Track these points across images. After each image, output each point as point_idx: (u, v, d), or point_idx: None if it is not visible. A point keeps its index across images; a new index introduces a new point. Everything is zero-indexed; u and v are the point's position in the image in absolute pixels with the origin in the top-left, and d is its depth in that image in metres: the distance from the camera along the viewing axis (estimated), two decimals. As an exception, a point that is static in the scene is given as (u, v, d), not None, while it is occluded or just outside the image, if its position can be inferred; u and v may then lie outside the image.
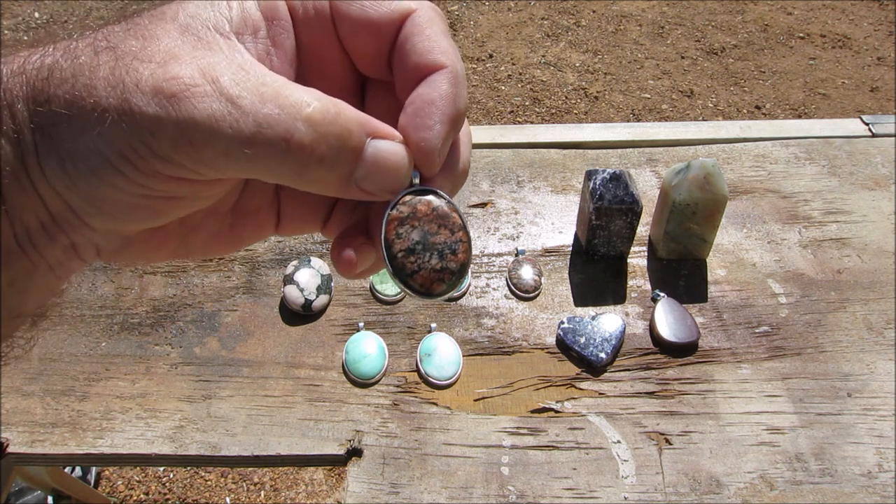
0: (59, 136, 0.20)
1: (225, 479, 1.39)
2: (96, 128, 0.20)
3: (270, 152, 0.20)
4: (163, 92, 0.19)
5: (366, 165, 0.22)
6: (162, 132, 0.19)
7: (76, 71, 0.20)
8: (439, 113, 0.22)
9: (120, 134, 0.20)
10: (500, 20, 3.04)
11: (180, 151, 0.20)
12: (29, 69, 0.21)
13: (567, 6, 3.11)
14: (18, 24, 3.07)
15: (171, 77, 0.19)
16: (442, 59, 0.23)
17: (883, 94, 2.51)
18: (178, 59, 0.20)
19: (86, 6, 3.21)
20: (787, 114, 2.43)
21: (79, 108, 0.20)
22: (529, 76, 2.67)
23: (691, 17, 3.02)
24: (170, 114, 0.19)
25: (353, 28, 0.23)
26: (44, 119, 0.21)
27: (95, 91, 0.20)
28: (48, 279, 0.23)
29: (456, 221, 0.24)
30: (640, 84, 2.60)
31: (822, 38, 2.84)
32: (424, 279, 0.23)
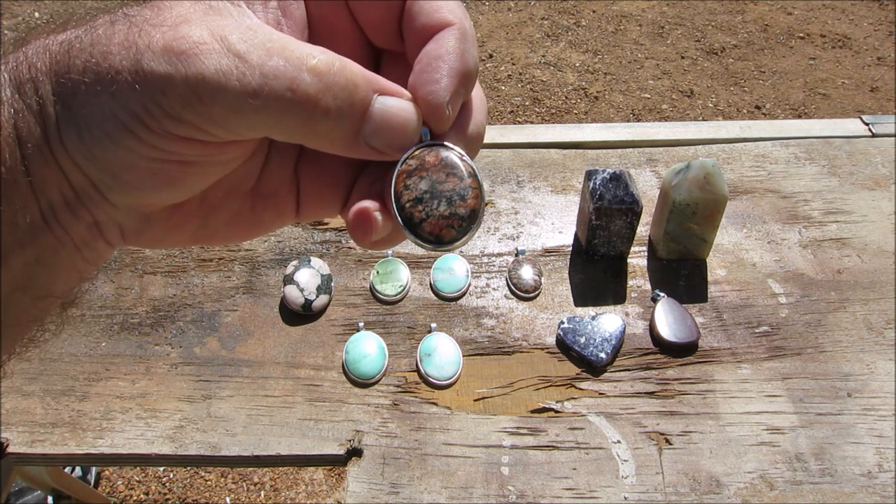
0: (77, 104, 0.21)
1: (225, 479, 1.39)
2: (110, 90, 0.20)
3: (277, 104, 0.20)
4: (172, 50, 0.20)
5: (373, 121, 0.22)
6: (172, 90, 0.20)
7: (94, 40, 0.21)
8: (447, 67, 0.22)
9: (132, 94, 0.20)
10: (500, 20, 3.04)
11: (190, 109, 0.20)
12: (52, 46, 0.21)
13: (567, 6, 3.11)
14: (18, 24, 3.07)
15: (180, 37, 0.20)
16: (448, 17, 0.23)
17: (883, 94, 2.51)
18: (189, 21, 0.21)
19: (86, 6, 3.20)
20: (787, 114, 2.44)
21: (94, 73, 0.21)
22: (529, 76, 2.67)
23: (691, 17, 3.02)
24: (179, 70, 0.20)
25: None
26: (64, 90, 0.21)
27: (110, 56, 0.20)
28: (75, 260, 0.24)
29: (465, 169, 0.23)
30: (640, 84, 2.60)
31: (822, 38, 2.84)
32: (433, 226, 0.23)
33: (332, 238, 0.60)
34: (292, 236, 0.61)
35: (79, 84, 0.21)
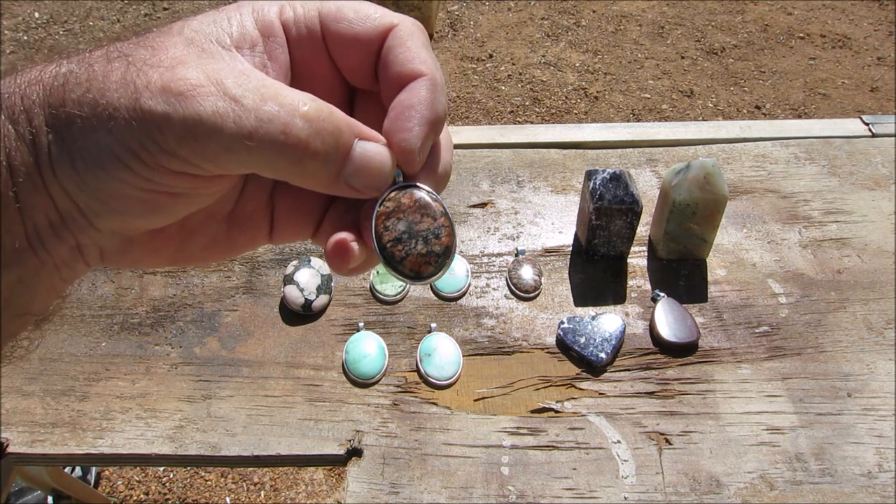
0: (71, 136, 0.22)
1: (225, 479, 1.39)
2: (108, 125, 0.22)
3: (270, 146, 0.22)
4: (171, 91, 0.21)
5: (353, 164, 0.24)
6: (169, 128, 0.21)
7: (90, 76, 0.22)
8: (418, 116, 0.24)
9: (129, 130, 0.21)
10: (500, 20, 3.04)
11: (185, 146, 0.22)
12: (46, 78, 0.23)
13: (567, 6, 3.11)
14: (18, 24, 3.07)
15: (178, 78, 0.21)
16: (421, 68, 0.25)
17: (883, 94, 2.51)
18: (185, 64, 0.22)
19: (86, 6, 3.21)
20: (787, 114, 2.44)
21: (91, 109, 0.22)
22: (529, 76, 2.67)
23: (691, 17, 3.02)
24: (177, 110, 0.21)
25: (341, 44, 0.26)
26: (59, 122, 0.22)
27: (108, 93, 0.22)
28: (54, 280, 0.25)
29: (437, 209, 0.26)
30: (640, 84, 2.60)
31: (822, 38, 2.84)
32: (413, 264, 0.26)
33: (332, 238, 0.60)
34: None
35: (74, 118, 0.22)
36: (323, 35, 0.26)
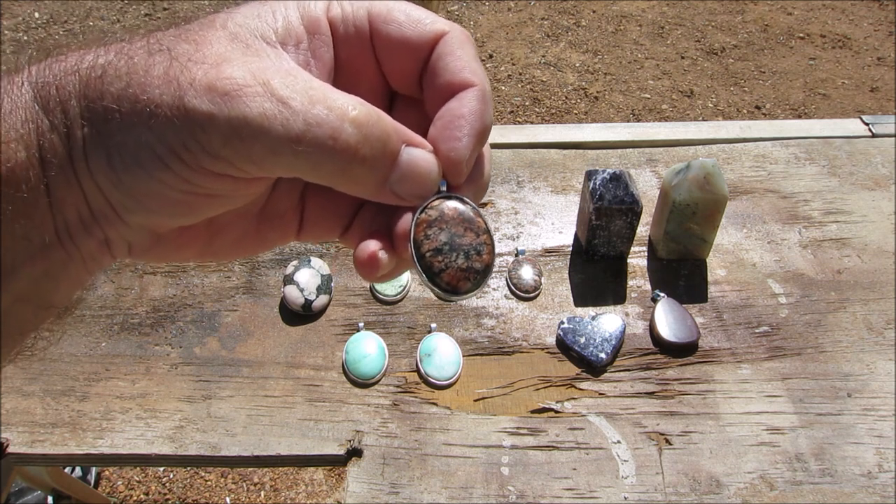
0: (108, 132, 0.21)
1: (225, 479, 1.39)
2: (148, 123, 0.21)
3: (318, 150, 0.21)
4: (216, 90, 0.20)
5: (401, 170, 0.23)
6: (214, 128, 0.21)
7: (130, 69, 0.21)
8: (468, 126, 0.24)
9: (172, 129, 0.21)
10: (500, 20, 3.04)
11: (230, 147, 0.21)
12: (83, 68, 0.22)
13: (567, 6, 3.11)
14: (18, 24, 3.07)
15: (224, 77, 0.21)
16: (472, 78, 0.25)
17: (883, 94, 2.51)
18: (230, 61, 0.21)
19: (86, 6, 3.21)
20: (787, 114, 2.44)
21: (131, 104, 0.21)
22: (529, 76, 2.67)
23: (691, 17, 3.02)
24: (222, 110, 0.20)
25: (389, 46, 0.25)
26: (95, 115, 0.21)
27: (149, 88, 0.21)
28: (79, 272, 0.24)
29: (481, 225, 0.25)
30: (640, 84, 2.60)
31: (822, 38, 2.84)
32: (451, 277, 0.24)
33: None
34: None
35: (112, 112, 0.21)
36: (371, 36, 0.25)
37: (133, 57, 0.22)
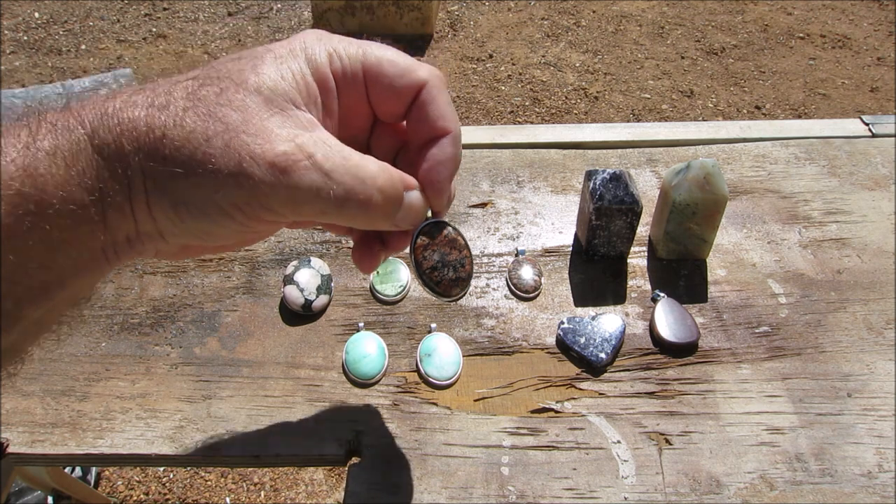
0: (174, 189, 0.26)
1: (225, 479, 1.39)
2: (217, 188, 0.26)
3: (355, 211, 0.28)
4: (276, 166, 0.26)
5: (403, 210, 0.30)
6: (275, 194, 0.26)
7: (190, 139, 0.26)
8: (447, 172, 0.32)
9: (239, 192, 0.26)
10: (500, 20, 3.04)
11: (286, 207, 0.27)
12: (140, 128, 0.26)
13: (567, 6, 3.12)
14: (18, 24, 3.07)
15: (280, 153, 0.26)
16: (449, 126, 0.32)
17: (883, 94, 2.51)
18: (280, 137, 0.26)
19: (86, 6, 3.20)
20: (787, 114, 2.44)
21: (197, 171, 0.26)
22: (529, 76, 2.67)
23: (691, 17, 3.02)
24: (281, 182, 0.26)
25: (381, 94, 0.31)
26: (160, 175, 0.26)
27: (214, 159, 0.25)
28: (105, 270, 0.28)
29: (461, 243, 0.35)
30: (640, 84, 2.60)
31: (822, 38, 2.84)
32: (445, 287, 0.34)
33: (332, 238, 0.60)
34: (292, 236, 0.61)
35: (178, 175, 0.26)
36: (365, 84, 0.31)
37: (186, 125, 0.26)
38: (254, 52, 0.29)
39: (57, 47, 2.94)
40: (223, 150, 0.25)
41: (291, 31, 3.06)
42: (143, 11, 3.16)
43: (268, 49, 0.29)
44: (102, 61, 2.86)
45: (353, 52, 0.30)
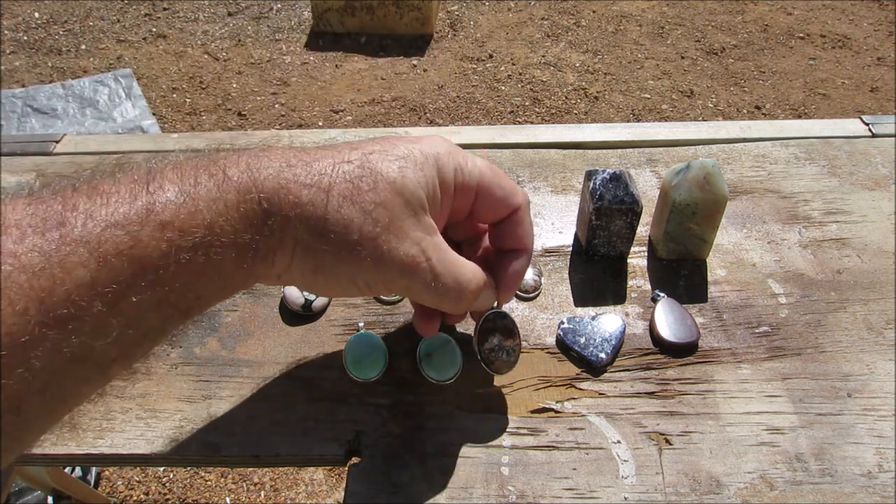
0: (321, 259, 0.33)
1: (225, 479, 1.39)
2: (357, 268, 0.34)
3: (446, 302, 0.37)
4: (405, 265, 0.34)
5: (478, 302, 0.40)
6: (396, 283, 0.35)
7: (347, 228, 0.32)
8: (519, 280, 0.42)
9: (372, 275, 0.34)
10: (500, 20, 3.04)
11: (402, 291, 0.37)
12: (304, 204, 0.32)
13: (567, 6, 3.11)
14: (18, 24, 3.07)
15: (409, 255, 0.34)
16: (528, 245, 0.42)
17: (883, 94, 2.51)
18: (411, 239, 0.34)
19: (86, 6, 3.20)
20: (787, 114, 2.44)
21: (343, 252, 0.33)
22: (529, 76, 2.67)
23: (691, 17, 3.02)
24: (405, 276, 0.35)
25: (485, 206, 0.40)
26: (310, 243, 0.33)
27: (362, 248, 0.33)
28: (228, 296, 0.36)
29: (515, 332, 0.45)
30: (640, 84, 2.60)
31: (822, 38, 2.84)
32: (498, 366, 0.45)
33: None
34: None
35: (325, 252, 0.33)
36: (475, 198, 0.39)
37: (344, 211, 0.32)
38: (398, 148, 0.35)
39: (57, 47, 2.94)
40: (370, 242, 0.33)
41: (291, 31, 3.06)
42: (143, 11, 3.16)
43: (410, 151, 0.35)
44: (102, 61, 2.86)
45: (473, 171, 0.38)
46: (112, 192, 0.28)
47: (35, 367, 0.25)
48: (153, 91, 2.65)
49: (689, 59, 2.72)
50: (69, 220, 0.26)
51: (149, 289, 0.28)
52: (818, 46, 2.76)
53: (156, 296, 0.28)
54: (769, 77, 2.60)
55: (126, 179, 0.29)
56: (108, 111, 2.34)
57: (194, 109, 2.57)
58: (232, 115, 2.54)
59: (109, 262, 0.26)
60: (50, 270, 0.25)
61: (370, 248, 0.33)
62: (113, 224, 0.27)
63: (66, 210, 0.26)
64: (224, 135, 0.73)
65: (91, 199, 0.27)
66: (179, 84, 2.70)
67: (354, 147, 0.35)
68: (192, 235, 0.28)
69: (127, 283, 0.27)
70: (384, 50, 2.86)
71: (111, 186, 0.28)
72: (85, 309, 0.26)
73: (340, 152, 0.34)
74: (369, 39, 2.92)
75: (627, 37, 2.88)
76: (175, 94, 2.65)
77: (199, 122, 2.51)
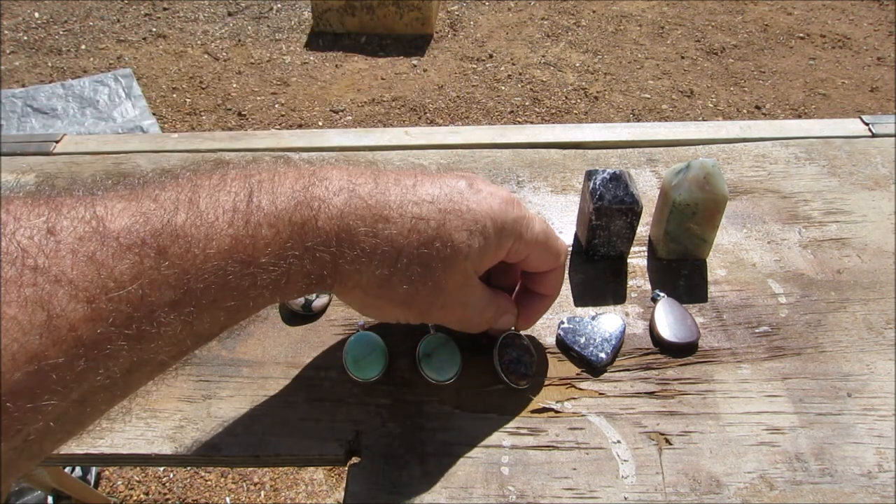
0: (375, 303, 0.40)
1: (225, 479, 1.39)
2: (404, 316, 0.41)
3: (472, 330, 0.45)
4: (445, 321, 0.43)
5: (499, 323, 0.45)
6: (440, 321, 0.43)
7: (410, 292, 0.37)
8: (539, 317, 0.48)
9: (416, 319, 0.42)
10: (500, 20, 3.04)
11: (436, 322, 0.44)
12: (375, 258, 0.35)
13: (567, 6, 3.11)
14: (18, 24, 3.07)
15: (453, 317, 0.42)
16: (555, 293, 0.47)
17: (883, 94, 2.51)
18: (458, 304, 0.41)
19: (86, 6, 3.20)
20: (787, 114, 2.44)
21: (399, 304, 0.39)
22: (529, 76, 2.67)
23: (691, 17, 3.02)
24: (448, 322, 0.44)
25: (533, 263, 0.43)
26: (371, 291, 0.37)
27: (414, 308, 0.40)
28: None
29: (532, 350, 0.49)
30: (640, 84, 2.60)
31: (822, 38, 2.84)
32: (517, 379, 0.48)
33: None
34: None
35: (382, 300, 0.38)
36: (523, 261, 0.43)
37: (412, 272, 0.36)
38: (473, 212, 0.37)
39: (57, 47, 2.93)
40: (424, 306, 0.39)
41: (291, 31, 3.06)
42: (143, 11, 3.16)
43: (483, 222, 0.37)
44: (102, 61, 2.86)
45: (529, 242, 0.41)
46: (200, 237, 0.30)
47: (109, 369, 0.27)
48: (153, 91, 2.65)
49: (689, 59, 2.72)
50: (169, 248, 0.28)
51: (223, 313, 0.32)
52: (818, 46, 2.76)
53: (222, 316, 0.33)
54: (769, 77, 2.60)
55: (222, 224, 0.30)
56: (108, 111, 2.35)
57: (194, 109, 2.57)
58: (232, 115, 2.54)
59: (196, 289, 0.29)
60: (140, 289, 0.27)
61: (421, 310, 0.39)
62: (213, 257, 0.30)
63: (174, 244, 0.28)
64: (224, 135, 0.73)
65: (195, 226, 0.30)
66: (179, 84, 2.70)
67: (431, 201, 0.36)
68: (269, 274, 0.32)
69: (204, 306, 0.30)
70: (384, 50, 2.86)
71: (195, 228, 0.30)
72: (164, 325, 0.28)
73: (419, 203, 0.36)
74: (369, 39, 2.92)
75: (627, 37, 2.88)
76: (175, 94, 2.65)
77: (199, 122, 2.51)
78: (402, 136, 0.72)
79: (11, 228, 0.24)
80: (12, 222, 0.24)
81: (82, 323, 0.25)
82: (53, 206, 0.26)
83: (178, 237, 0.28)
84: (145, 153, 0.72)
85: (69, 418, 0.28)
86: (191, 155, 0.71)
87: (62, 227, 0.25)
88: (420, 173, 0.38)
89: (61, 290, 0.24)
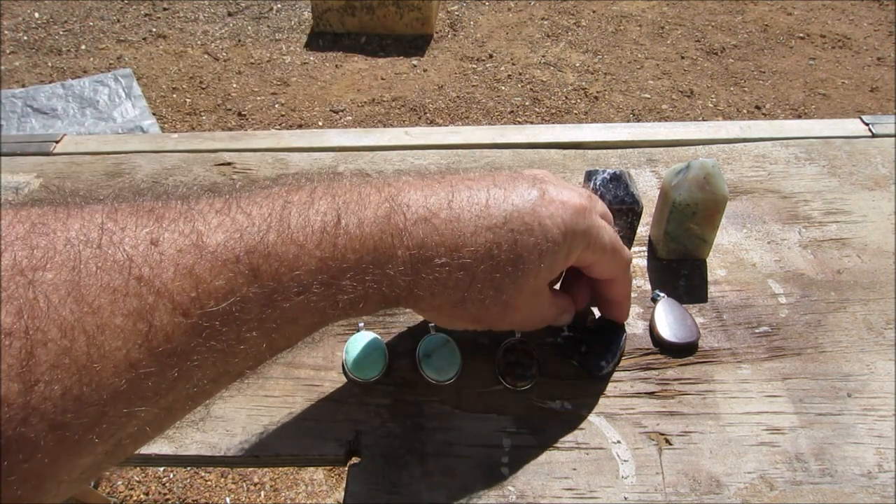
0: (442, 315, 0.41)
1: (225, 479, 1.39)
2: (470, 326, 0.42)
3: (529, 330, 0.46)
4: (514, 326, 0.45)
5: (557, 320, 0.46)
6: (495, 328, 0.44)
7: (480, 309, 0.39)
8: (619, 315, 0.50)
9: (483, 329, 0.44)
10: (500, 20, 3.04)
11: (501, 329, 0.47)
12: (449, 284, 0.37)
13: (567, 6, 3.11)
14: (18, 24, 3.07)
15: (516, 324, 0.43)
16: (623, 299, 0.48)
17: (883, 94, 2.51)
18: (522, 314, 0.42)
19: (86, 6, 3.20)
20: (787, 114, 2.44)
21: (468, 320, 0.41)
22: (529, 76, 2.67)
23: (691, 17, 3.02)
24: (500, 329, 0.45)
25: (600, 271, 0.44)
26: (443, 309, 0.39)
27: (483, 321, 0.41)
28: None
29: (532, 354, 0.49)
30: (640, 84, 2.60)
31: (822, 38, 2.84)
32: (514, 381, 0.48)
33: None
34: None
35: (451, 316, 0.40)
36: (586, 269, 0.44)
37: (486, 296, 0.38)
38: (547, 227, 0.37)
39: (57, 47, 2.93)
40: (492, 320, 0.40)
41: (291, 31, 3.06)
42: (143, 11, 3.16)
43: (557, 232, 0.37)
44: (102, 61, 2.86)
45: (596, 250, 0.41)
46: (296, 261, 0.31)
47: (198, 379, 0.28)
48: (153, 91, 2.65)
49: (689, 59, 2.72)
50: (260, 266, 0.29)
51: (301, 329, 0.33)
52: (818, 46, 2.76)
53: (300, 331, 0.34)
54: (769, 77, 2.60)
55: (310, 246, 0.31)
56: (108, 111, 2.35)
57: (194, 109, 2.57)
58: (232, 115, 2.54)
59: (281, 308, 0.30)
60: (232, 307, 0.28)
61: (490, 323, 0.40)
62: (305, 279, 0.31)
63: (265, 262, 0.29)
64: (224, 135, 0.73)
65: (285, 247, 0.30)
66: (179, 84, 2.70)
67: (504, 222, 0.36)
68: (348, 295, 0.32)
69: (286, 323, 0.31)
70: (384, 50, 2.86)
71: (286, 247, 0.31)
72: (248, 340, 0.29)
73: (492, 227, 0.36)
74: (369, 39, 2.92)
75: (627, 37, 2.88)
76: (175, 94, 2.65)
77: (199, 122, 2.51)
78: (402, 136, 0.72)
79: (119, 237, 0.25)
80: (118, 231, 0.25)
81: (178, 335, 0.26)
82: (156, 217, 0.27)
83: (269, 255, 0.29)
84: (145, 153, 0.72)
85: (156, 424, 0.29)
86: (191, 155, 0.71)
87: (164, 238, 0.26)
88: (492, 185, 0.37)
89: (162, 302, 0.25)
